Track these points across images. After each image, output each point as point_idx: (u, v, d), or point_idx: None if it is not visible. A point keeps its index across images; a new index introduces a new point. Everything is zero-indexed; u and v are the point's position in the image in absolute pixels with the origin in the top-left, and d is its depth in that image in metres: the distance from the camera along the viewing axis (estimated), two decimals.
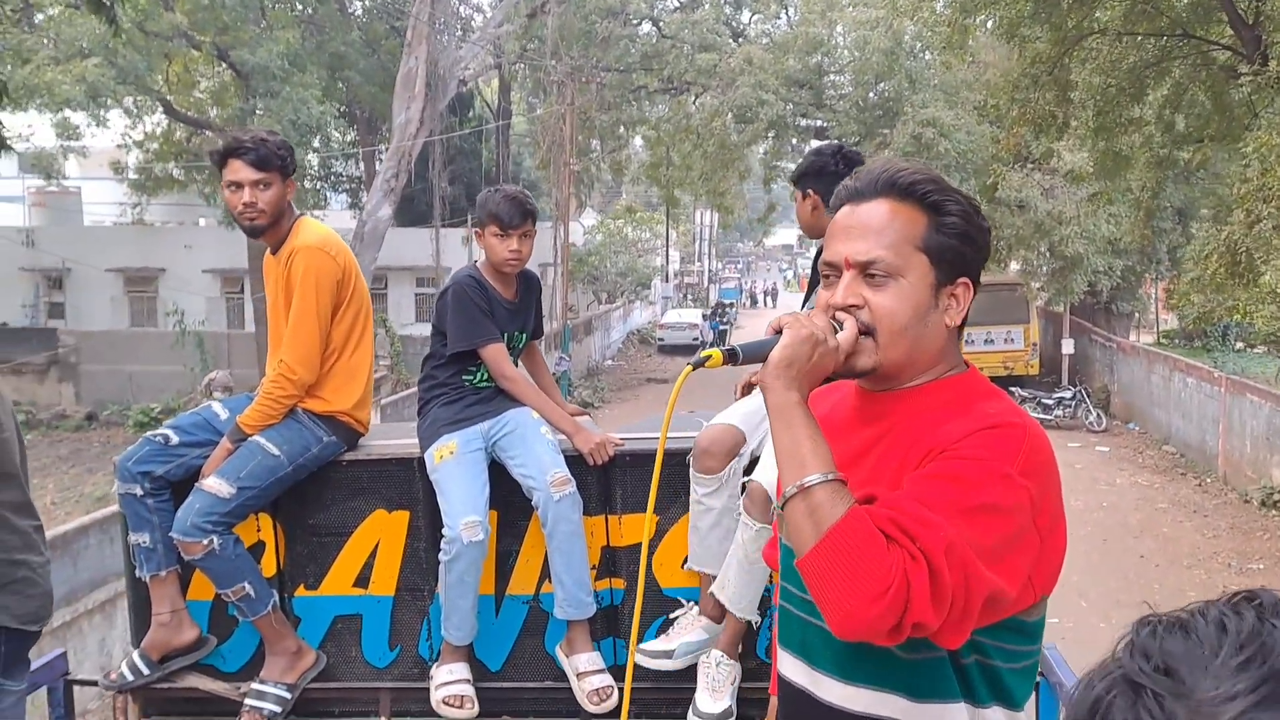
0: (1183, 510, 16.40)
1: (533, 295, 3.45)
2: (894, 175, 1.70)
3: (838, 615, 1.47)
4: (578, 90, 26.63)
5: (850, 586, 1.44)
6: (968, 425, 1.59)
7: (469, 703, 3.14)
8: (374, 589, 3.30)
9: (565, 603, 3.14)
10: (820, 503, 1.49)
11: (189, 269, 29.83)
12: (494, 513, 3.18)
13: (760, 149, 27.42)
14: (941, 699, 1.65)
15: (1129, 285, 27.17)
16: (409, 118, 23.24)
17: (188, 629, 3.26)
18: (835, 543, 1.45)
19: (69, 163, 30.44)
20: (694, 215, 59.76)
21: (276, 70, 23.89)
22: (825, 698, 1.71)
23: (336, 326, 3.27)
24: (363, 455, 3.33)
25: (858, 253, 1.67)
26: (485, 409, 3.25)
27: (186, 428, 3.28)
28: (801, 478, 1.52)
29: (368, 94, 28.63)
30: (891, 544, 1.45)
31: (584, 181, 35.55)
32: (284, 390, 3.19)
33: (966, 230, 1.69)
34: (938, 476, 1.54)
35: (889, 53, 23.46)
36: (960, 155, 22.32)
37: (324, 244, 3.23)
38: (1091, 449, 21.04)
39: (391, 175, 23.08)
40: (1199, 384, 19.36)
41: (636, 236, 42.93)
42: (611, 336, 38.91)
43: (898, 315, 1.66)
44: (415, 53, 23.17)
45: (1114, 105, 14.28)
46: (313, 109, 23.81)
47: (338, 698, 3.36)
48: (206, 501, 3.08)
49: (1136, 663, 0.80)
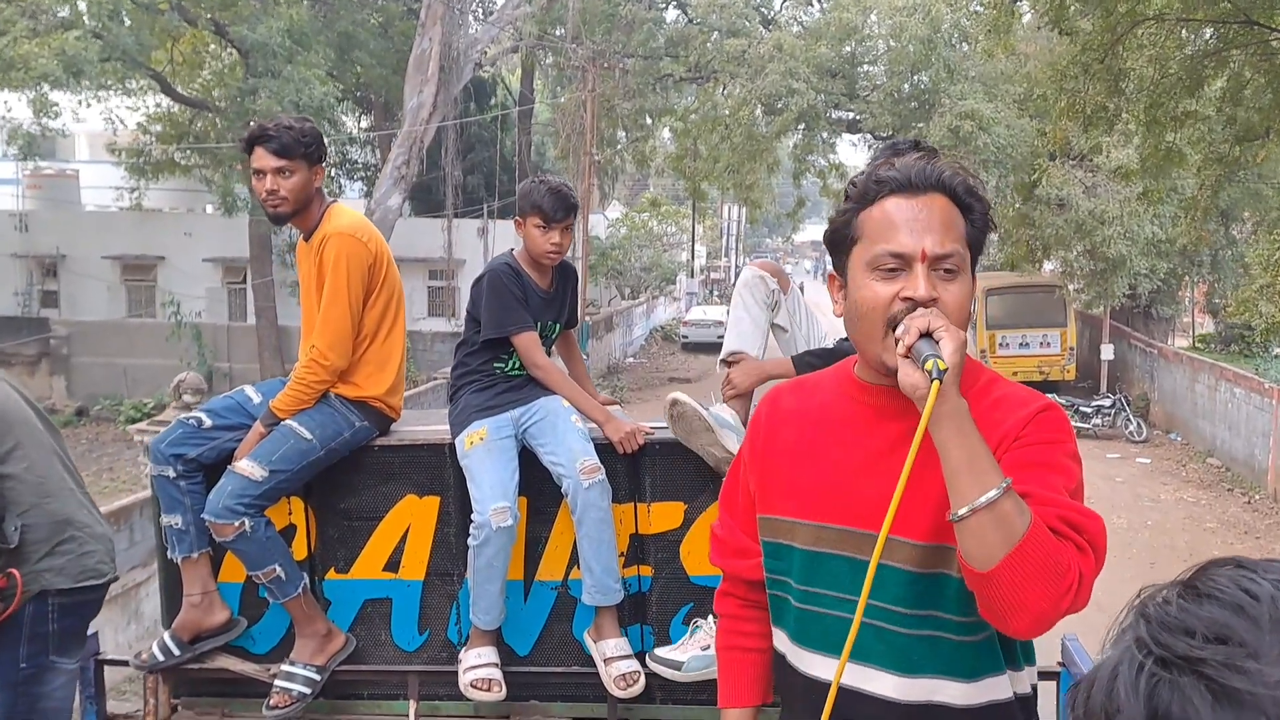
0: (1233, 531, 16.34)
1: (569, 285, 3.62)
2: (940, 171, 1.81)
3: (1029, 617, 1.60)
4: (600, 76, 26.75)
5: (1044, 589, 1.56)
6: (1019, 411, 1.76)
7: (497, 686, 3.30)
8: (404, 573, 3.48)
9: (594, 589, 3.30)
10: (1008, 511, 1.57)
11: (189, 258, 29.99)
12: (524, 499, 3.35)
13: (790, 142, 27.45)
14: (991, 674, 1.82)
15: (1169, 289, 27.19)
16: (421, 102, 23.34)
17: (219, 610, 3.44)
18: (1030, 550, 1.56)
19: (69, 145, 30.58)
20: (721, 210, 60.20)
21: (278, 49, 23.84)
22: (878, 692, 1.82)
23: (368, 312, 3.43)
24: (394, 440, 3.51)
25: (934, 245, 1.75)
26: (516, 396, 3.42)
27: (220, 411, 3.46)
28: (986, 489, 1.58)
29: (379, 76, 28.74)
30: (1063, 541, 1.60)
31: (607, 173, 35.60)
32: (316, 375, 3.36)
33: (986, 224, 1.85)
34: (1038, 465, 1.70)
35: (926, 41, 23.43)
36: (999, 150, 22.34)
37: (356, 230, 3.41)
38: (1132, 461, 21.12)
39: (402, 162, 23.18)
40: (1248, 395, 19.36)
41: (662, 230, 43.29)
42: (634, 333, 39.20)
43: (964, 308, 1.77)
44: (429, 33, 23.22)
45: (1169, 97, 14.11)
46: (315, 90, 23.77)
47: (367, 680, 3.54)
48: (239, 484, 3.25)
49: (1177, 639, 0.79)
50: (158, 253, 30.68)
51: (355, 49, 27.32)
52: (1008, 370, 24.37)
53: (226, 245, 29.19)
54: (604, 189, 39.36)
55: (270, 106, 23.16)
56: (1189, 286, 28.88)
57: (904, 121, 25.15)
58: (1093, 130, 15.81)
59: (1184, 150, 15.61)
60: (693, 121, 28.31)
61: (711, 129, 26.62)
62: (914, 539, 1.77)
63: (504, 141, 34.30)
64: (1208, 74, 14.29)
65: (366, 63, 27.95)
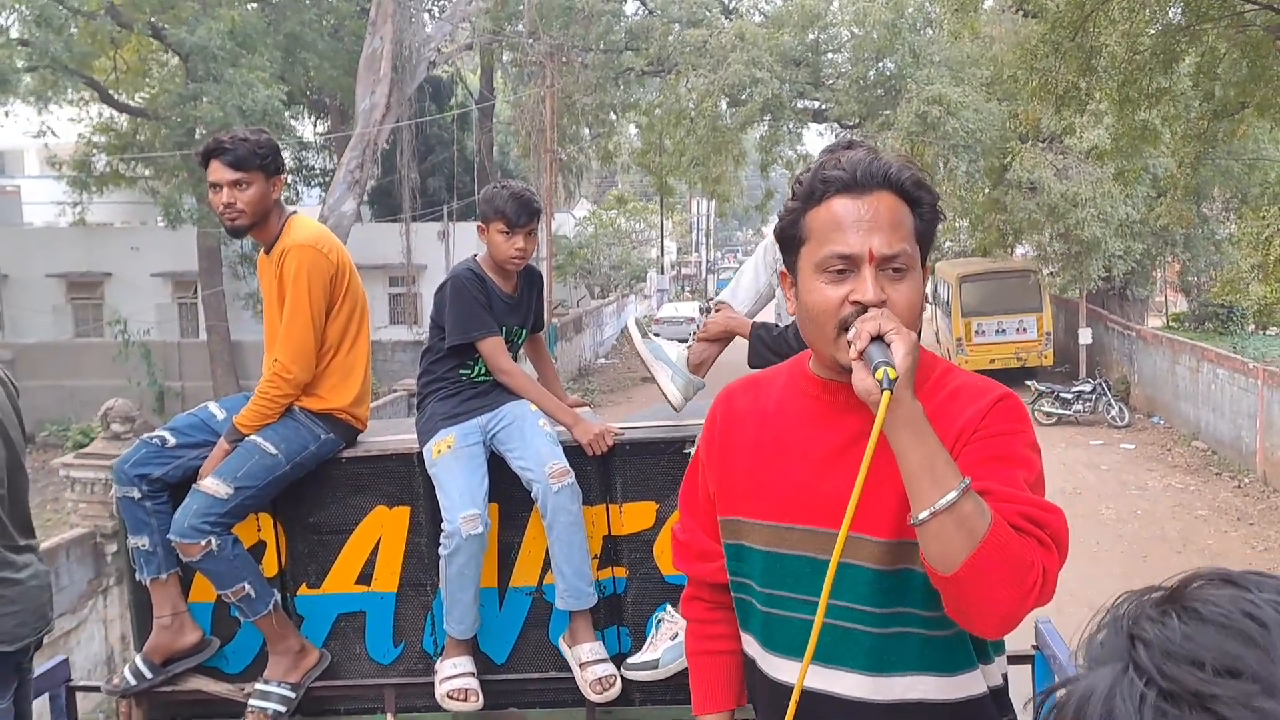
0: (1225, 518, 16.34)
1: (533, 289, 3.71)
2: (886, 167, 1.82)
3: (995, 616, 1.65)
4: (559, 71, 26.80)
5: (1009, 588, 1.60)
6: (976, 403, 1.79)
7: (474, 695, 3.38)
8: (376, 585, 3.56)
9: (566, 593, 3.39)
10: (969, 513, 1.60)
11: (137, 273, 29.83)
12: (495, 506, 3.43)
13: (756, 133, 27.61)
14: (965, 668, 1.85)
15: (1144, 269, 27.48)
16: (374, 103, 23.22)
17: (190, 631, 3.50)
18: (991, 550, 1.59)
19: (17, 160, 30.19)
20: (690, 204, 60.41)
21: (219, 52, 23.60)
22: (848, 694, 1.85)
23: (331, 324, 3.51)
24: (361, 452, 3.59)
25: (882, 246, 1.77)
26: (483, 402, 3.51)
27: (183, 429, 3.53)
28: (946, 491, 1.61)
29: (331, 78, 28.58)
30: (1025, 537, 1.63)
31: (572, 170, 35.67)
32: (279, 389, 3.43)
33: (934, 217, 1.87)
34: (996, 459, 1.73)
35: (890, 26, 23.70)
36: (968, 135, 22.58)
37: (317, 241, 3.48)
38: (1116, 447, 21.28)
39: (356, 166, 23.06)
40: (1231, 375, 19.49)
41: (630, 227, 43.54)
42: (604, 333, 39.25)
43: (915, 308, 1.79)
44: (380, 32, 23.12)
45: (1142, 74, 14.16)
46: (259, 94, 23.54)
47: (343, 695, 3.61)
48: (204, 502, 3.31)
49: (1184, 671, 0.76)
50: (104, 269, 30.52)
51: (303, 50, 27.09)
52: (985, 358, 24.62)
53: (176, 259, 29.00)
54: (569, 187, 39.44)
55: (213, 112, 22.95)
56: (1161, 266, 29.15)
57: (870, 109, 25.40)
58: (1065, 110, 15.83)
59: (1158, 128, 15.66)
60: (657, 116, 28.41)
61: (676, 123, 26.78)
62: (877, 536, 1.79)
63: (465, 142, 34.24)
64: (1181, 49, 14.33)
65: (316, 64, 27.74)
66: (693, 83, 25.12)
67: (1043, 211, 23.16)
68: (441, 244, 28.80)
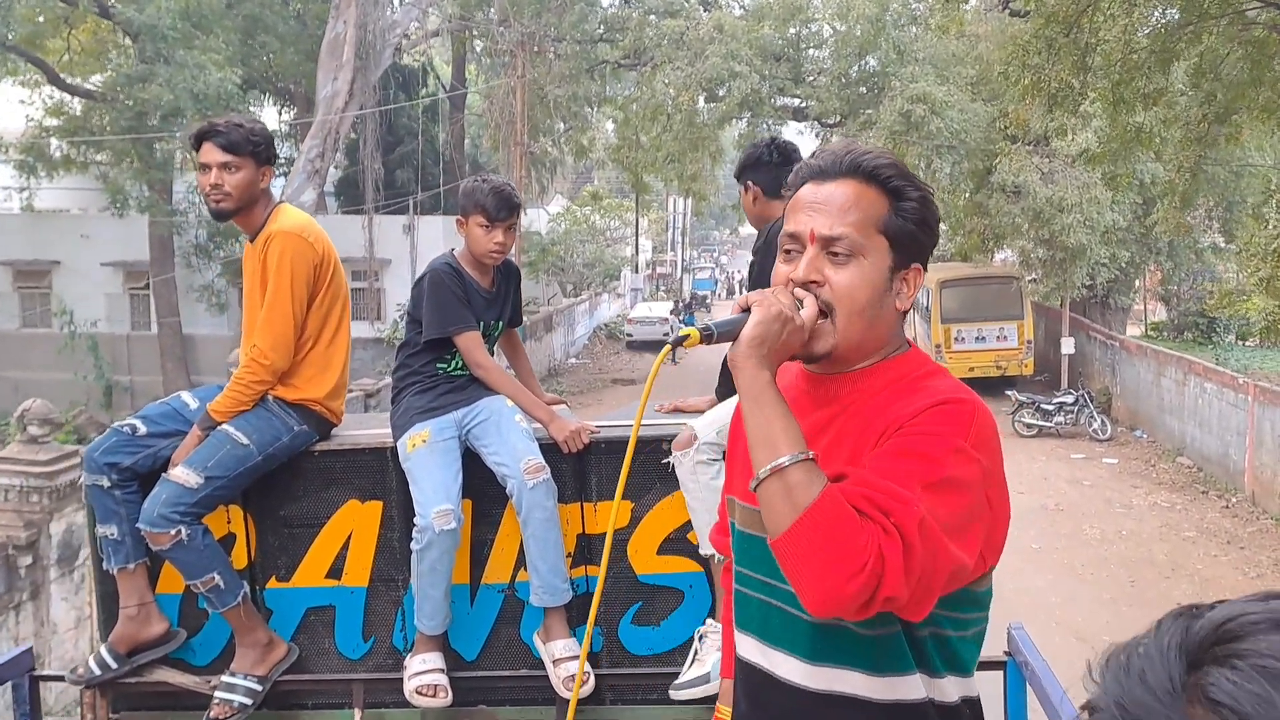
0: (1214, 540, 16.25)
1: (511, 284, 3.82)
2: (858, 157, 1.90)
3: (816, 593, 1.66)
4: (530, 61, 26.83)
5: (829, 564, 1.61)
6: (919, 402, 1.81)
7: (442, 692, 3.48)
8: (347, 580, 3.65)
9: (541, 590, 3.50)
10: (796, 483, 1.67)
11: (87, 262, 29.55)
12: (468, 502, 3.53)
13: (734, 131, 27.68)
14: (898, 671, 1.88)
15: (1127, 278, 27.65)
16: (336, 90, 23.23)
17: (156, 622, 3.59)
18: (813, 522, 1.63)
19: None
20: (666, 202, 60.83)
21: (169, 31, 23.30)
22: (786, 677, 1.93)
23: (313, 314, 3.61)
24: (335, 445, 3.68)
25: (823, 227, 1.87)
26: (459, 397, 3.62)
27: (154, 417, 3.62)
28: (775, 458, 1.69)
29: (292, 63, 28.42)
30: (866, 520, 1.63)
31: (545, 165, 35.68)
32: (255, 376, 3.53)
33: (924, 216, 1.92)
34: (900, 454, 1.74)
35: (875, 20, 23.85)
36: (953, 135, 22.75)
37: (302, 230, 3.59)
38: (1098, 461, 21.29)
39: (316, 155, 23.02)
40: (1220, 390, 19.43)
41: (605, 225, 43.77)
42: (576, 333, 39.40)
43: (858, 295, 1.86)
44: (344, 15, 23.21)
45: (1138, 73, 14.02)
46: (211, 76, 23.33)
47: (310, 690, 3.70)
48: (173, 491, 3.40)
49: None
50: (52, 257, 30.23)
51: (263, 33, 26.88)
52: (964, 365, 24.73)
53: (127, 248, 28.76)
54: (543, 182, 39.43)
55: (162, 95, 22.73)
56: (1142, 274, 29.32)
57: (852, 107, 25.59)
58: (1058, 110, 15.60)
59: (1153, 131, 15.48)
60: (633, 111, 28.44)
61: (652, 118, 26.83)
62: None
63: (435, 134, 34.15)
64: (1181, 48, 14.15)
65: (277, 48, 27.53)
66: (669, 76, 25.15)
67: (1027, 216, 23.33)
68: (407, 238, 28.74)
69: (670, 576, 3.61)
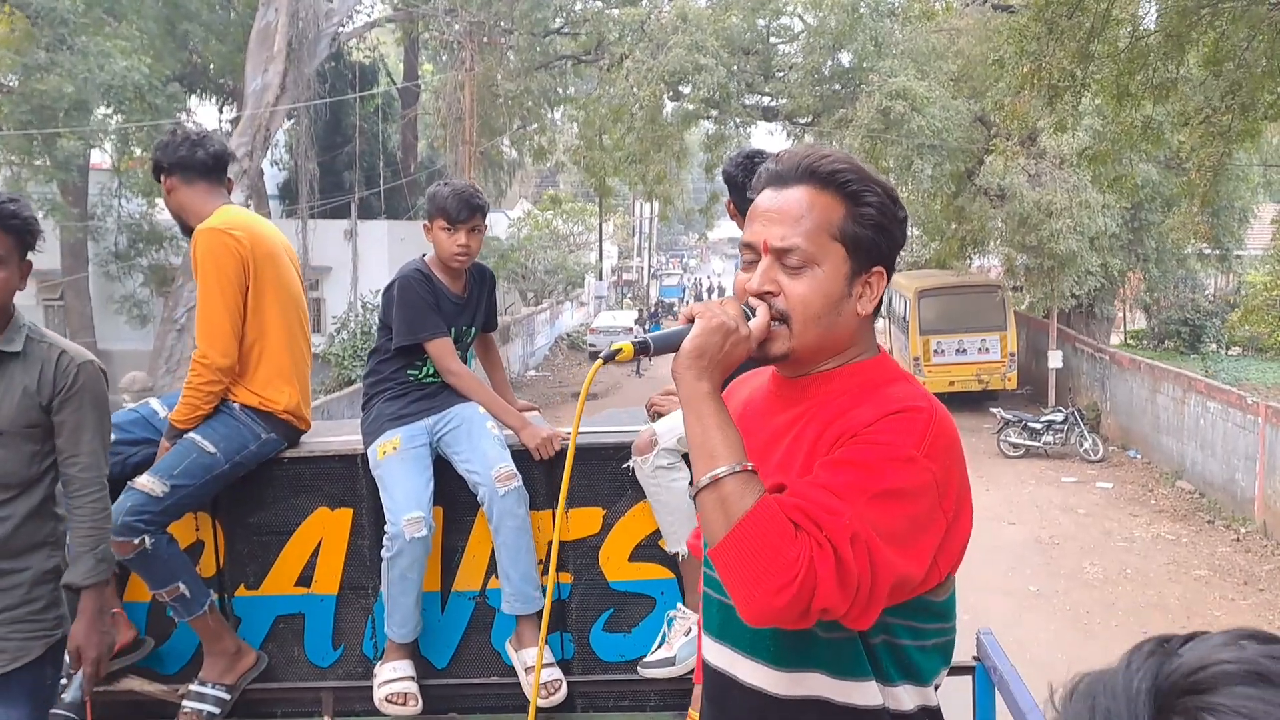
0: (1229, 580, 15.18)
1: (484, 288, 3.97)
2: (815, 162, 1.96)
3: (749, 603, 1.74)
4: (479, 54, 24.90)
5: (759, 575, 1.70)
6: (875, 410, 1.87)
7: (412, 700, 3.64)
8: (317, 588, 3.81)
9: (513, 597, 3.68)
10: (730, 493, 1.74)
11: None
12: (440, 509, 3.72)
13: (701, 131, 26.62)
14: (855, 677, 1.96)
15: (1113, 286, 27.11)
16: (266, 83, 22.41)
17: (124, 631, 3.72)
18: (745, 533, 1.72)
19: None
20: (633, 207, 60.60)
21: (69, 15, 21.89)
22: (748, 681, 2.01)
23: (256, 313, 3.67)
24: (304, 452, 3.84)
25: (775, 239, 1.94)
26: (430, 404, 3.77)
27: (123, 425, 3.74)
28: (712, 469, 1.77)
29: (218, 54, 26.55)
30: (800, 532, 1.71)
31: (503, 167, 35.06)
32: (202, 378, 3.62)
33: (882, 221, 1.97)
34: (845, 463, 1.81)
35: (850, 10, 23.24)
36: (934, 134, 22.18)
37: (226, 224, 3.65)
38: (1091, 485, 20.16)
39: (244, 154, 21.48)
40: (1225, 410, 18.47)
41: (568, 230, 43.36)
42: (536, 343, 38.80)
43: (811, 304, 1.93)
44: (274, 3, 22.42)
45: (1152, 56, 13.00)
46: (117, 65, 21.84)
47: (280, 698, 3.86)
48: (138, 500, 3.53)
49: None
50: None
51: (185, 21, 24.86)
52: (944, 379, 24.36)
53: (43, 256, 26.34)
54: (501, 184, 38.12)
55: (62, 85, 20.63)
56: (1124, 282, 28.51)
57: (826, 105, 25.16)
58: (1058, 102, 14.24)
59: (1162, 126, 14.49)
60: (595, 110, 26.86)
61: (615, 118, 26.32)
62: None
63: (389, 134, 32.44)
64: (1198, 34, 13.07)
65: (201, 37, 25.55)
66: (629, 67, 23.29)
67: (1012, 221, 22.82)
68: (348, 243, 26.54)
69: (642, 583, 3.77)
